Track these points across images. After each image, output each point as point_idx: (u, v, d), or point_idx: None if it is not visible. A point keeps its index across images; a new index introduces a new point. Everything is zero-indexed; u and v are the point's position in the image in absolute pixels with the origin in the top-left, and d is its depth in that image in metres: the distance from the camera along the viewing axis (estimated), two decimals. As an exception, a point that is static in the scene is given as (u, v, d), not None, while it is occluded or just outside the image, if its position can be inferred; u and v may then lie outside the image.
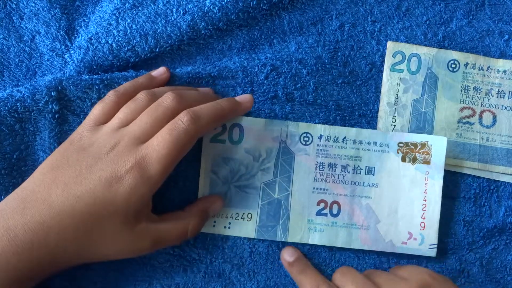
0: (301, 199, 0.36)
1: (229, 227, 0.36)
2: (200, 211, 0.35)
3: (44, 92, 0.35)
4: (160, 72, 0.36)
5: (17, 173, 0.35)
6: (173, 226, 0.33)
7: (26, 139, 0.35)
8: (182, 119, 0.31)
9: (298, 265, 0.35)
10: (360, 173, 0.36)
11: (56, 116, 0.35)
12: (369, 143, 0.36)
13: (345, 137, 0.36)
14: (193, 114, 0.31)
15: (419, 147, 0.36)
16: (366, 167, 0.36)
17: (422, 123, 0.38)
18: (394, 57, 0.38)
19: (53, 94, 0.35)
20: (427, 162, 0.36)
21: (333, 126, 0.37)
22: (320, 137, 0.36)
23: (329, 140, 0.36)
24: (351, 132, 0.36)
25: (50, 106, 0.35)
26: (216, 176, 0.36)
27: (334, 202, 0.36)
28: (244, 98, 0.36)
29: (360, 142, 0.36)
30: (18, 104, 0.34)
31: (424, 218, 0.36)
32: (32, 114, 0.35)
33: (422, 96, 0.38)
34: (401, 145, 0.36)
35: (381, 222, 0.36)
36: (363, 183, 0.36)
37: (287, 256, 0.36)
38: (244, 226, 0.36)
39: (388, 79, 0.38)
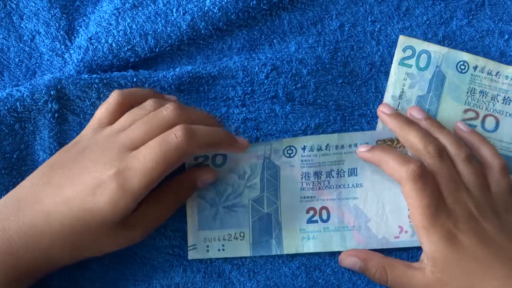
0: (291, 210, 0.36)
1: (223, 249, 0.36)
2: (187, 185, 0.34)
3: (43, 91, 0.35)
4: (170, 98, 0.35)
5: (17, 172, 0.35)
6: (160, 208, 0.32)
7: (26, 138, 0.35)
8: (176, 133, 0.29)
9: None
10: (344, 176, 0.36)
11: (56, 115, 0.35)
12: (350, 145, 0.36)
13: (328, 144, 0.36)
14: (189, 131, 0.29)
15: (395, 142, 0.36)
16: (348, 169, 0.36)
17: (424, 121, 0.38)
18: (404, 52, 0.38)
19: (52, 93, 0.35)
20: None
21: (315, 136, 0.37)
22: (303, 148, 0.36)
23: (313, 150, 0.36)
24: (333, 138, 0.37)
25: (49, 106, 0.35)
26: (203, 200, 0.36)
27: (323, 207, 0.36)
28: (242, 140, 0.34)
29: (342, 146, 0.37)
30: (17, 103, 0.34)
31: None
32: (31, 113, 0.35)
33: (428, 93, 0.38)
34: (379, 142, 0.37)
35: (371, 220, 0.36)
36: (348, 185, 0.36)
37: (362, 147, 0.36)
38: (239, 246, 0.36)
39: (395, 72, 0.38)
